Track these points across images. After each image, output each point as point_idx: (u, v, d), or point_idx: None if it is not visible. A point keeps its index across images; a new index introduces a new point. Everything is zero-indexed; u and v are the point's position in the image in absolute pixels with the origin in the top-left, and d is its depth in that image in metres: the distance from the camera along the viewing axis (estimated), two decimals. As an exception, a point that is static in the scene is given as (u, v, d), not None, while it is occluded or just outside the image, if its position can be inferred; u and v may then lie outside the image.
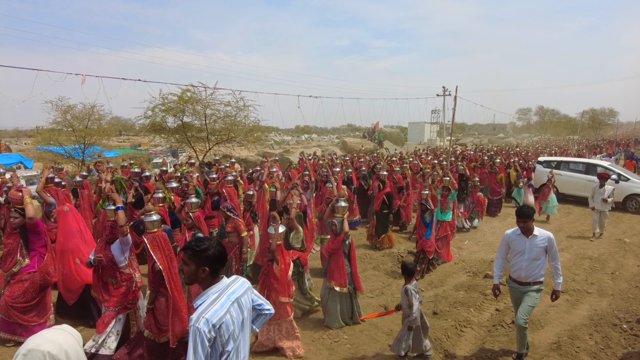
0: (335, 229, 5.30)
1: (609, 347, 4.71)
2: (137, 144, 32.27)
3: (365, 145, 27.44)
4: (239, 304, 2.22)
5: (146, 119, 15.39)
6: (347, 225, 5.27)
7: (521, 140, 45.34)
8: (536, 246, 4.19)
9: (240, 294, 2.25)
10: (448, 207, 7.72)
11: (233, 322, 2.14)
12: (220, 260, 2.20)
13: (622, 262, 7.72)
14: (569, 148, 26.57)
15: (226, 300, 2.15)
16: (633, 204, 12.08)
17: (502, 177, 11.97)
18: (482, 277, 6.79)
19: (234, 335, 2.15)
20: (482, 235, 9.67)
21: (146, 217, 4.31)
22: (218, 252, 2.19)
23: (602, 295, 6.25)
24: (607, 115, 57.58)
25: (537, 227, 4.26)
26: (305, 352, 4.57)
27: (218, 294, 2.16)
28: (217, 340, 2.08)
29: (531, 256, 4.20)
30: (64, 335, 1.82)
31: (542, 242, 4.16)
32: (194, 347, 2.01)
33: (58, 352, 1.72)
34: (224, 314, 2.09)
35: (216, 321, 2.05)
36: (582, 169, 13.46)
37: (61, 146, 16.24)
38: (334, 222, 5.34)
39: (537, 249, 4.18)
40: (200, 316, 2.04)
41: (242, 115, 16.31)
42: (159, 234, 4.25)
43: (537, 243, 4.19)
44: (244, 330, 2.27)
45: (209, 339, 2.03)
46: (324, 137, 45.93)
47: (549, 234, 4.20)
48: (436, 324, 5.16)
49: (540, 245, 4.17)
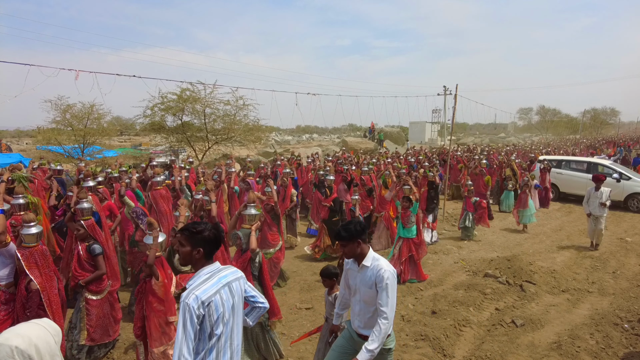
0: (240, 243, 4.24)
1: (610, 347, 4.65)
2: (137, 144, 32.29)
3: (366, 145, 27.37)
4: (230, 288, 2.25)
5: (145, 117, 15.39)
6: (255, 241, 4.18)
7: (522, 139, 45.22)
8: (365, 283, 2.84)
9: (232, 279, 2.29)
10: (410, 221, 6.56)
11: (223, 304, 2.17)
12: (215, 242, 2.28)
13: (623, 261, 7.65)
14: (565, 148, 26.32)
15: (217, 281, 2.20)
16: (635, 202, 12.01)
17: (488, 179, 11.26)
18: (481, 276, 6.73)
19: (223, 318, 2.17)
20: (483, 234, 9.60)
21: (23, 229, 3.74)
22: (213, 235, 2.26)
23: (603, 295, 6.18)
24: (608, 115, 57.37)
25: (376, 254, 2.92)
26: (302, 352, 4.53)
27: (209, 275, 2.22)
28: (205, 320, 2.10)
29: (362, 296, 2.89)
30: (37, 329, 1.76)
31: (371, 277, 2.80)
32: (183, 322, 2.05)
33: (27, 347, 1.65)
34: (213, 293, 2.14)
35: (205, 299, 2.09)
36: (583, 167, 13.39)
37: (60, 145, 16.23)
38: (238, 234, 4.26)
39: (365, 287, 2.84)
40: (190, 292, 2.09)
41: (241, 114, 16.30)
42: (38, 249, 3.78)
43: (366, 278, 2.84)
44: (235, 317, 2.28)
45: (198, 315, 2.06)
46: (325, 137, 45.87)
47: (383, 266, 2.78)
48: (435, 323, 5.09)
49: (368, 282, 2.82)
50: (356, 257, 2.88)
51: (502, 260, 7.15)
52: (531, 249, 8.42)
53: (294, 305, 5.80)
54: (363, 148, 24.63)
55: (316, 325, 5.11)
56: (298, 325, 5.24)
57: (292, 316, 5.48)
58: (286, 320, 5.29)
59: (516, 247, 8.62)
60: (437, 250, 8.30)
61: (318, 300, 5.93)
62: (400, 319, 5.24)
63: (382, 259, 2.89)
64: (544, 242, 9.04)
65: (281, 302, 5.86)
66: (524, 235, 9.55)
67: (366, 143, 29.00)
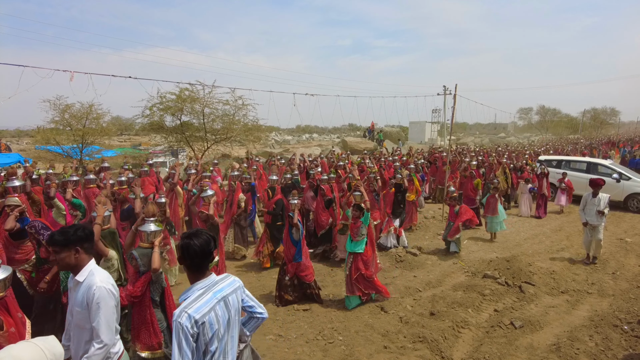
0: (136, 264, 3.54)
1: (609, 349, 4.62)
2: (137, 144, 32.30)
3: (365, 145, 27.35)
4: (226, 303, 2.16)
5: (144, 117, 15.37)
6: (158, 260, 3.51)
7: (522, 139, 45.19)
8: (77, 302, 2.39)
9: (228, 293, 2.20)
10: (360, 234, 5.57)
11: (218, 320, 2.09)
12: (201, 255, 2.14)
13: (623, 262, 7.61)
14: (560, 147, 26.15)
15: (212, 297, 2.11)
16: (634, 203, 11.98)
17: (478, 182, 10.23)
18: (480, 277, 6.70)
19: (218, 334, 2.10)
20: (482, 234, 9.57)
21: None
22: (198, 247, 2.13)
23: (603, 296, 6.15)
24: (608, 115, 57.39)
25: (96, 267, 2.48)
26: (299, 354, 4.49)
27: (203, 290, 2.12)
28: (200, 338, 2.04)
29: (75, 319, 2.43)
30: (31, 349, 1.72)
31: (83, 294, 2.37)
32: (178, 343, 1.97)
33: None
34: (207, 311, 2.05)
35: (199, 317, 2.01)
36: (583, 167, 13.37)
37: (59, 145, 16.21)
38: (133, 254, 3.57)
39: (78, 307, 2.38)
40: (182, 311, 2.01)
41: (240, 114, 16.28)
42: None
43: (78, 296, 2.39)
44: (231, 331, 2.21)
45: (192, 334, 1.99)
46: (324, 137, 45.85)
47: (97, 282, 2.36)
48: (433, 324, 5.06)
49: (80, 300, 2.37)
50: (71, 268, 2.42)
51: (501, 261, 7.13)
52: (530, 250, 8.38)
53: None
54: (363, 148, 24.58)
55: (314, 327, 5.08)
56: (295, 327, 5.20)
57: (290, 318, 5.44)
58: (283, 322, 5.27)
59: (515, 247, 8.59)
60: (436, 251, 8.28)
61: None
62: (399, 321, 5.21)
63: (101, 273, 2.45)
64: (543, 242, 9.00)
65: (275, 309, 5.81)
66: (523, 236, 9.51)
67: (366, 143, 29.00)
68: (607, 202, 7.33)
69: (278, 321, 5.26)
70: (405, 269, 7.22)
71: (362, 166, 11.55)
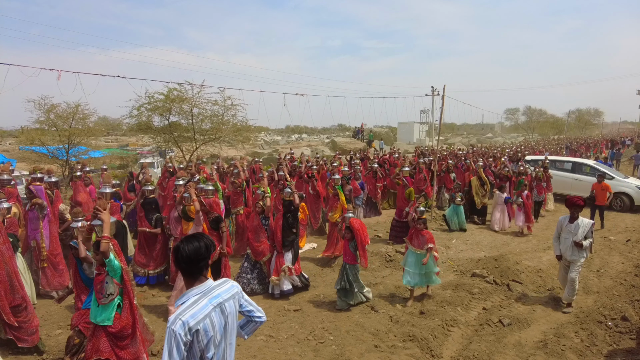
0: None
1: (594, 345, 4.72)
2: (125, 144, 31.90)
3: (355, 145, 27.45)
4: (222, 309, 2.12)
5: (132, 117, 15.17)
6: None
7: (509, 139, 45.84)
8: None
9: (225, 299, 2.16)
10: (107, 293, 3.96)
11: (213, 327, 2.06)
12: (194, 261, 2.09)
13: (607, 260, 7.77)
14: (541, 148, 26.37)
15: (207, 304, 2.07)
16: (618, 202, 12.24)
17: (410, 192, 8.81)
18: (469, 276, 6.78)
19: (214, 341, 2.07)
20: (470, 234, 9.68)
21: None
22: (190, 253, 2.08)
23: (588, 293, 6.28)
24: (592, 115, 58.46)
25: None
26: (290, 355, 4.49)
27: (199, 296, 2.08)
28: (194, 345, 2.00)
29: None
30: None
31: None
32: (169, 350, 1.94)
33: None
34: (202, 317, 2.01)
35: (193, 324, 1.97)
36: (569, 167, 13.67)
37: (44, 146, 15.89)
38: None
39: None
40: (176, 318, 1.97)
41: (229, 114, 16.18)
42: None
43: None
44: (228, 337, 2.18)
45: (185, 342, 1.96)
46: (314, 137, 45.86)
47: None
48: (423, 323, 5.11)
49: None
50: None
51: (490, 260, 7.22)
52: (518, 249, 8.51)
53: (282, 307, 5.76)
54: (352, 148, 24.68)
55: (305, 327, 5.09)
56: (286, 327, 5.20)
57: (281, 318, 5.44)
58: (274, 322, 5.26)
59: (503, 246, 8.71)
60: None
61: (305, 302, 5.91)
62: (389, 320, 5.25)
63: None
64: (530, 241, 9.14)
65: (269, 305, 5.83)
66: (510, 235, 9.64)
67: (355, 143, 29.12)
68: (588, 230, 5.45)
69: (269, 322, 5.23)
70: (395, 269, 7.26)
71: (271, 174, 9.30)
